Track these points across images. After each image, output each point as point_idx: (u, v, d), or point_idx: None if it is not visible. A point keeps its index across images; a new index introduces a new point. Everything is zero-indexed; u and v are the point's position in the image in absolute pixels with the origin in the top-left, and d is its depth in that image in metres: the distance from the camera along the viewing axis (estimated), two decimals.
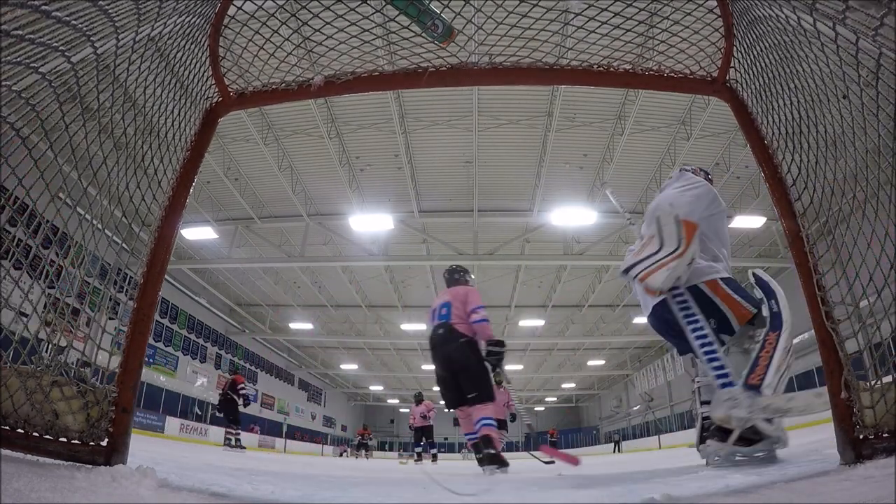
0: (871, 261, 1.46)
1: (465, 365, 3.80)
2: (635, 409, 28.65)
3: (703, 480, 1.64)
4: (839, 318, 1.54)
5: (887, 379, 1.38)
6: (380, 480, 2.84)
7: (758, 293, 2.03)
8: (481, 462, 3.86)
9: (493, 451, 3.54)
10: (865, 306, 1.54)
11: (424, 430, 11.44)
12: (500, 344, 3.93)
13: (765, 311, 1.98)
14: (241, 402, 10.47)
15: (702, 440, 2.27)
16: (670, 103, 9.41)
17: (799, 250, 1.65)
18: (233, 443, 10.53)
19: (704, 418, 2.31)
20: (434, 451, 11.35)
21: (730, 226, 12.73)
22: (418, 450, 11.38)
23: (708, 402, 2.25)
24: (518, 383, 30.00)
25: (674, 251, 1.96)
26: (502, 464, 3.49)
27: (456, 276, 4.38)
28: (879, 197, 1.46)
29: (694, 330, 1.98)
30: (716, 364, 1.90)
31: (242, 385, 10.69)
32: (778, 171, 1.80)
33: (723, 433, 1.90)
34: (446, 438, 38.77)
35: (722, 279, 2.11)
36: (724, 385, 1.85)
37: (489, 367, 3.88)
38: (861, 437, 1.37)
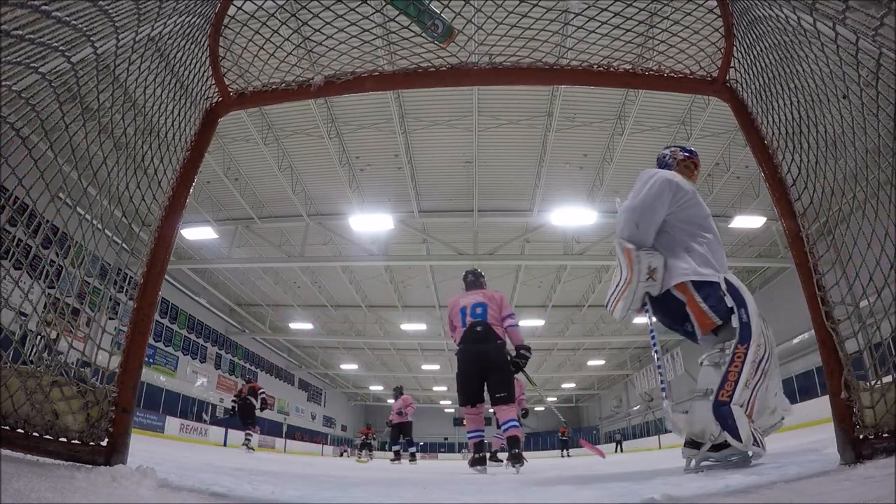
0: (871, 261, 1.46)
1: (500, 366, 4.07)
2: (635, 409, 28.65)
3: (703, 480, 1.64)
4: (839, 318, 1.53)
5: (887, 379, 1.38)
6: (380, 480, 2.84)
7: (729, 301, 1.95)
8: (474, 463, 4.13)
9: (518, 451, 3.92)
10: (865, 306, 1.54)
11: (402, 426, 10.85)
12: (528, 349, 4.27)
13: (734, 322, 1.91)
14: (259, 405, 11.71)
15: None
16: (670, 103, 9.41)
17: (799, 250, 1.65)
18: (250, 444, 11.40)
19: None
20: (412, 449, 10.77)
21: (730, 226, 12.66)
22: (396, 448, 10.64)
23: None
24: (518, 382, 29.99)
25: (624, 280, 2.07)
26: (523, 462, 3.93)
27: (481, 280, 4.67)
28: (879, 197, 1.46)
29: (654, 347, 2.11)
30: (661, 383, 2.08)
31: (262, 390, 12.11)
32: (778, 171, 1.80)
33: (695, 442, 1.98)
34: (446, 438, 38.85)
35: (693, 282, 2.02)
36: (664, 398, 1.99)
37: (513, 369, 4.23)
38: (861, 437, 1.37)
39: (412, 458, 10.79)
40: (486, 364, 4.07)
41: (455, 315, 4.36)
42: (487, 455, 4.44)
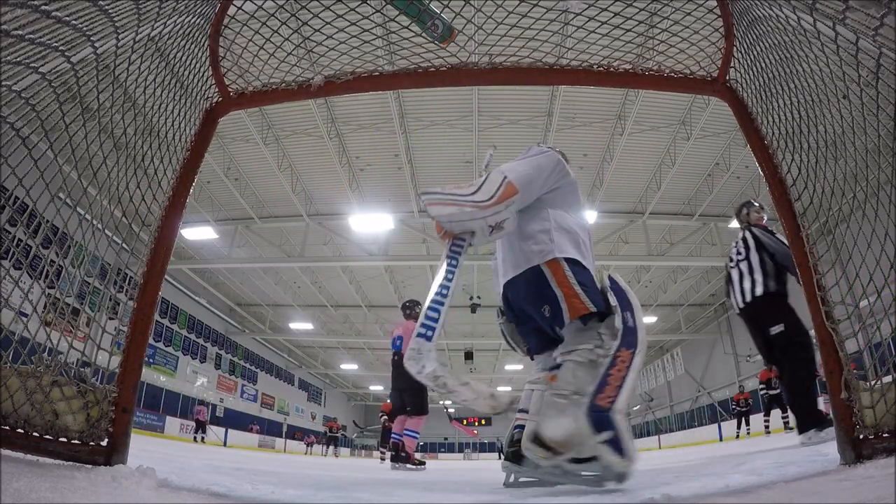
0: (871, 261, 1.46)
1: (412, 387, 5.49)
2: (635, 409, 28.65)
3: (703, 480, 1.64)
4: (839, 318, 1.53)
5: (887, 379, 1.38)
6: (381, 481, 2.84)
7: (612, 299, 1.73)
8: (393, 458, 5.51)
9: (406, 454, 5.45)
10: (865, 306, 1.54)
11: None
12: None
13: (618, 323, 1.69)
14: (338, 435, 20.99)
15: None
16: (670, 103, 9.41)
17: (799, 250, 1.65)
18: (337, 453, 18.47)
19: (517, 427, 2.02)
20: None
21: (730, 226, 12.54)
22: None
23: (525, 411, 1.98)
24: (519, 383, 29.98)
25: (480, 200, 1.70)
26: (405, 463, 5.41)
27: (415, 311, 5.84)
28: (879, 197, 1.46)
29: (445, 279, 1.70)
30: (429, 317, 1.57)
31: (339, 430, 22.71)
32: (778, 171, 1.80)
33: (517, 455, 1.87)
34: (446, 438, 38.81)
35: (567, 259, 1.76)
36: (418, 335, 1.52)
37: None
38: (861, 437, 1.37)
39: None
40: (401, 385, 5.66)
41: (392, 342, 5.95)
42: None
